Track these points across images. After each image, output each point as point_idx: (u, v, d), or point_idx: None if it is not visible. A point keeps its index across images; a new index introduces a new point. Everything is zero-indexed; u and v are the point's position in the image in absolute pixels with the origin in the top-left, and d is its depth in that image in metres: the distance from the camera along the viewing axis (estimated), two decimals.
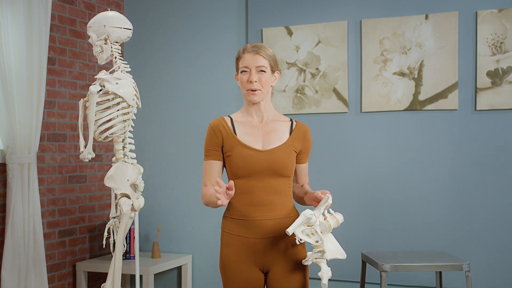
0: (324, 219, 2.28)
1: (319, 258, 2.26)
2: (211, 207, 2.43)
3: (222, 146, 2.46)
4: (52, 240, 3.92)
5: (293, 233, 2.23)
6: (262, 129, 2.47)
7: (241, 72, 2.44)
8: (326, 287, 2.23)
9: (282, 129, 2.48)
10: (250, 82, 2.40)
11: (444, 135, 3.73)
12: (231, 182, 2.21)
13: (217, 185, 2.19)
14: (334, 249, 2.29)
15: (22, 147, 3.54)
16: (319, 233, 2.24)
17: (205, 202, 2.45)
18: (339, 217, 2.28)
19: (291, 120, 2.54)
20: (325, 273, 2.25)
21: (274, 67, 2.47)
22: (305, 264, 2.31)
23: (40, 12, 3.59)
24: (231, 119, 2.50)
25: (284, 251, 2.41)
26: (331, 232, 2.31)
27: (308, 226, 2.24)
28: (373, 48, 3.85)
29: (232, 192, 2.23)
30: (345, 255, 2.31)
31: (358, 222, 3.88)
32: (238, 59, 2.47)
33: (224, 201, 2.20)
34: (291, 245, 2.42)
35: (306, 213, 2.21)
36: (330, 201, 2.25)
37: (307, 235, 2.25)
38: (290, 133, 2.48)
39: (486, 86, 3.63)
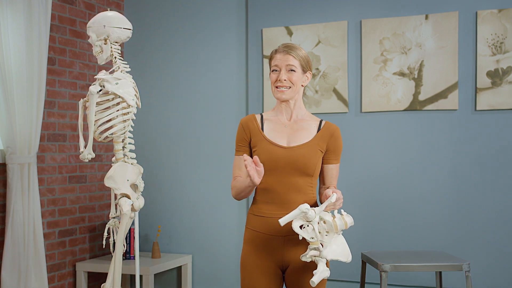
0: (333, 218, 2.26)
1: (317, 256, 2.24)
2: (241, 196, 2.48)
3: (250, 142, 2.53)
4: (52, 240, 3.92)
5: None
6: (289, 127, 2.51)
7: (272, 71, 2.50)
8: (313, 284, 2.17)
9: (309, 128, 2.51)
10: (279, 80, 2.46)
11: (444, 135, 3.73)
12: (256, 157, 2.27)
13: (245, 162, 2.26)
14: (339, 251, 2.25)
15: (22, 147, 3.54)
16: (316, 229, 2.21)
17: (235, 193, 2.51)
18: (348, 220, 2.27)
19: (321, 120, 2.56)
20: (320, 273, 2.19)
21: (306, 67, 2.51)
22: (303, 259, 2.28)
23: (40, 12, 3.59)
24: (262, 116, 2.57)
25: (303, 248, 2.42)
26: (342, 234, 2.29)
27: (307, 221, 2.22)
28: (373, 48, 3.85)
29: (261, 169, 2.27)
30: (350, 259, 2.28)
31: (358, 222, 3.88)
32: (270, 59, 2.53)
33: (255, 176, 2.25)
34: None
35: (302, 207, 2.19)
36: (333, 199, 2.23)
37: (306, 231, 2.22)
38: (318, 131, 2.50)
39: (486, 86, 3.63)
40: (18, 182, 3.52)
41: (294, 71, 2.47)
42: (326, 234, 2.27)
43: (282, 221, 2.20)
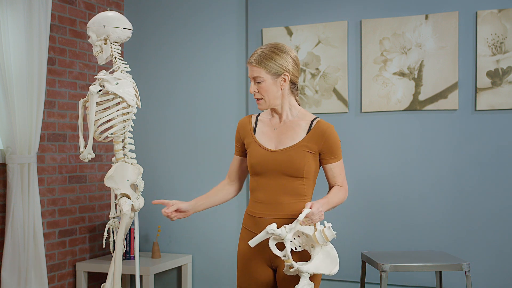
0: (315, 232, 2.25)
1: (298, 271, 2.23)
2: None
3: (244, 143, 2.57)
4: (52, 240, 3.92)
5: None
6: (279, 129, 2.49)
7: (250, 82, 2.51)
8: None
9: (299, 129, 2.47)
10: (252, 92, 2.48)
11: (444, 135, 3.73)
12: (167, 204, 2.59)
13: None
14: (322, 264, 2.23)
15: (22, 147, 3.54)
16: (288, 248, 2.21)
17: None
18: (329, 233, 2.22)
19: (313, 119, 2.50)
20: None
21: (278, 71, 2.41)
22: (287, 274, 2.30)
23: (40, 12, 3.59)
24: (257, 118, 2.58)
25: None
26: (330, 243, 2.28)
27: (280, 240, 2.22)
28: (373, 48, 3.85)
29: (170, 210, 2.59)
30: (334, 271, 2.25)
31: (358, 222, 3.88)
32: None
33: (171, 217, 2.60)
34: None
35: (268, 228, 2.20)
36: (300, 218, 2.22)
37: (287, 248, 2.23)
38: (308, 132, 2.46)
39: (486, 86, 3.63)
40: (18, 182, 3.52)
41: (260, 82, 2.42)
42: (312, 247, 2.26)
43: (251, 243, 2.22)
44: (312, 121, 2.48)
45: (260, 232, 2.24)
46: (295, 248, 2.27)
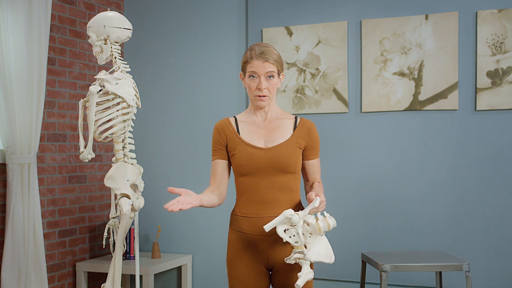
0: (316, 220, 2.28)
1: (301, 259, 2.25)
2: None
3: (227, 146, 2.53)
4: (52, 240, 3.92)
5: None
6: (265, 127, 2.51)
7: (249, 77, 2.45)
8: (298, 287, 2.20)
9: (285, 126, 2.51)
10: (259, 89, 2.44)
11: (444, 135, 3.73)
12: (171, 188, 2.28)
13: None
14: (322, 252, 2.27)
15: (22, 147, 3.54)
16: (300, 234, 2.23)
17: None
18: (331, 222, 2.28)
19: (295, 117, 2.55)
20: (304, 275, 2.22)
21: (280, 70, 2.49)
22: (287, 262, 2.30)
23: (40, 12, 3.59)
24: (236, 119, 2.56)
25: (287, 249, 2.42)
26: (325, 235, 2.31)
27: (291, 226, 2.24)
28: (373, 49, 3.85)
29: (184, 197, 2.28)
30: (333, 260, 2.29)
31: (358, 222, 3.88)
32: (246, 62, 2.47)
33: (175, 208, 2.22)
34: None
35: (286, 212, 2.21)
36: (316, 204, 2.24)
37: (291, 235, 2.24)
38: (294, 129, 2.50)
39: (486, 86, 3.63)
40: (18, 182, 3.52)
41: (273, 77, 2.45)
42: (309, 236, 2.28)
43: (267, 227, 2.21)
44: (295, 119, 2.54)
45: (277, 217, 2.22)
46: (290, 237, 2.27)
